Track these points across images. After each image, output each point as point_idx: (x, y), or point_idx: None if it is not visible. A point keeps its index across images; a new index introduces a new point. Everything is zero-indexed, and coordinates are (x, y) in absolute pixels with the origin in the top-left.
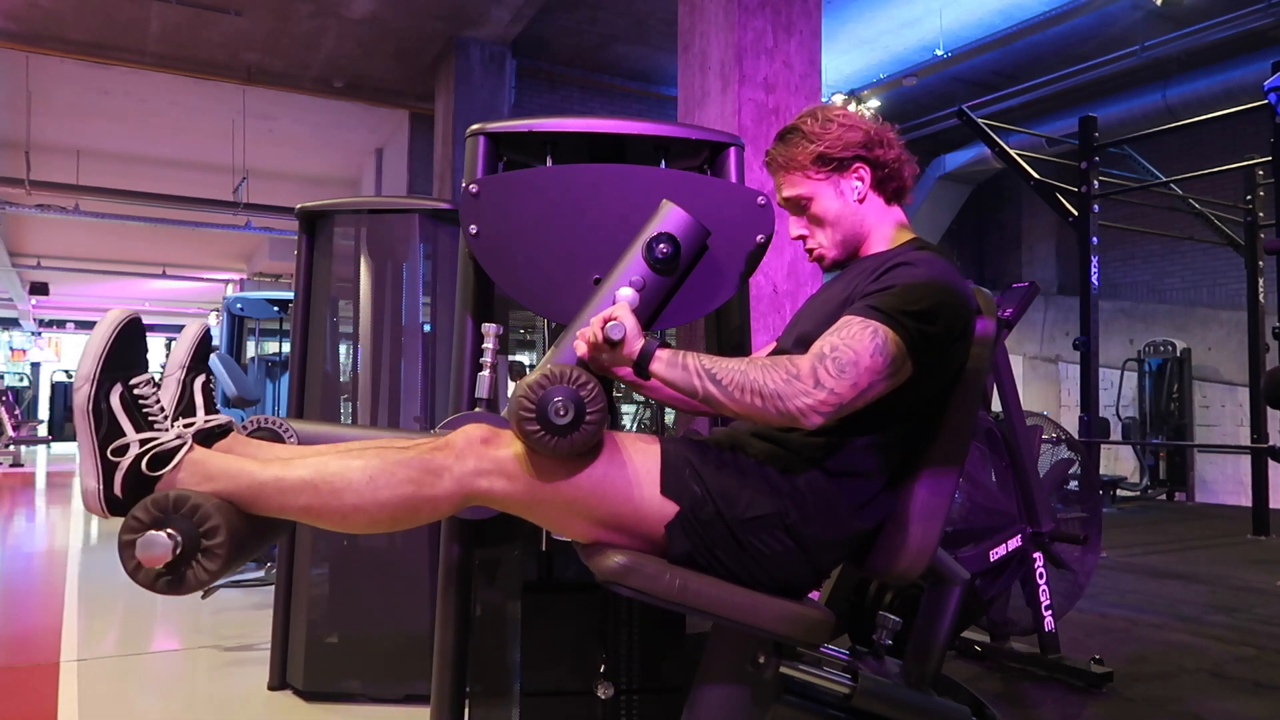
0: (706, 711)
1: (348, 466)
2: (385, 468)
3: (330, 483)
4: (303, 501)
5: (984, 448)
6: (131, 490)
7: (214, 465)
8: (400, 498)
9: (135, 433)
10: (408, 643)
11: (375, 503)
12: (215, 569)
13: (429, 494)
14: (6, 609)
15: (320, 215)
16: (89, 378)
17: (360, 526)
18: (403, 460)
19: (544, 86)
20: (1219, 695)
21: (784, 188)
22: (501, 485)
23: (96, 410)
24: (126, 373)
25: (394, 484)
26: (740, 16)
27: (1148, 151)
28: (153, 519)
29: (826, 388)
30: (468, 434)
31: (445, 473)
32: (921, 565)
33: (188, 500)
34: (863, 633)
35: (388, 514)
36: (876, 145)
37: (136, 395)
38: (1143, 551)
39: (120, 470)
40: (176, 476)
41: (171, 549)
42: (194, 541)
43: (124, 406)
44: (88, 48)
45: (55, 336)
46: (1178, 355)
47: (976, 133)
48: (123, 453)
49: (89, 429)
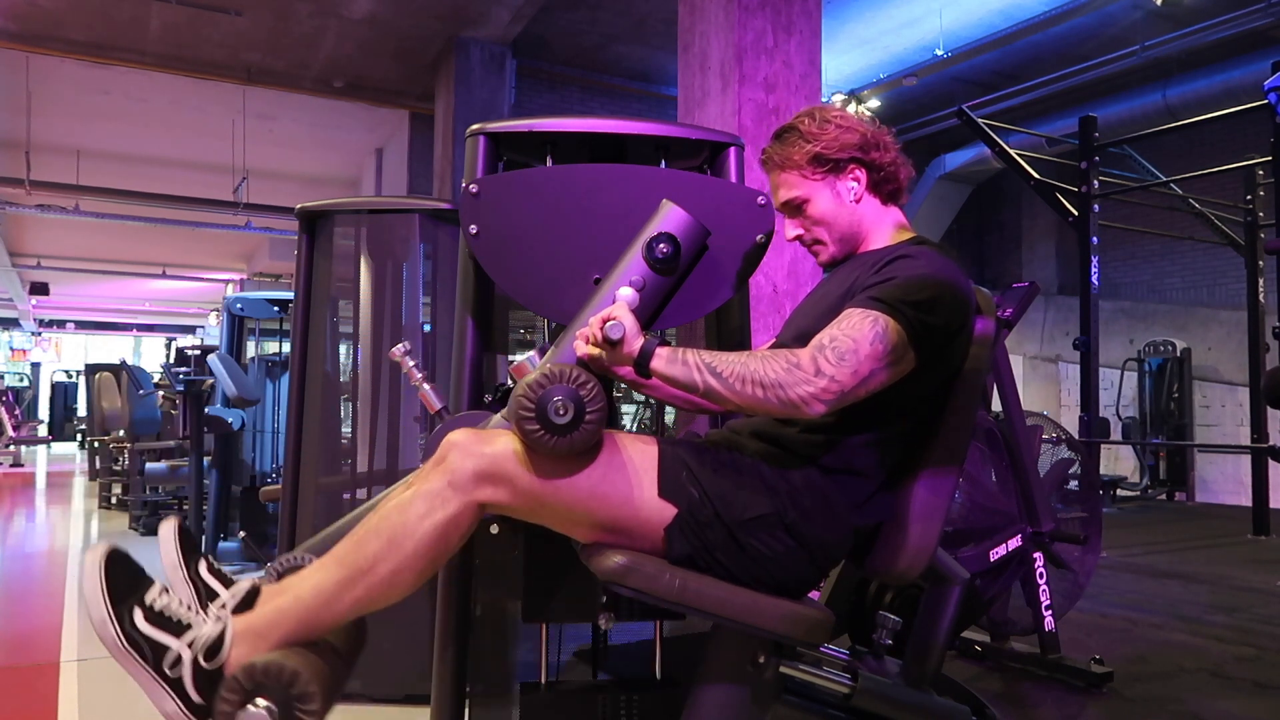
0: (707, 711)
1: (364, 544)
2: (398, 523)
3: (360, 567)
4: (350, 598)
5: (984, 448)
6: (206, 689)
7: (261, 623)
8: (424, 541)
9: (177, 640)
10: (408, 643)
11: (406, 558)
12: (316, 708)
13: (443, 519)
14: (6, 609)
15: (320, 215)
16: (105, 619)
17: (412, 584)
18: (405, 504)
19: (544, 86)
20: (1219, 695)
21: (780, 188)
22: (504, 493)
23: (133, 641)
24: (136, 595)
25: (411, 531)
26: (740, 16)
27: (1148, 151)
28: (237, 702)
29: (827, 375)
30: (453, 442)
31: (448, 489)
32: (921, 565)
33: (256, 667)
34: (863, 633)
35: (425, 560)
36: (873, 147)
37: (159, 610)
38: (1143, 551)
39: (186, 680)
40: (236, 654)
41: (269, 714)
42: (286, 700)
43: (153, 624)
44: (88, 48)
45: (55, 336)
46: (1178, 355)
47: (976, 133)
48: (178, 664)
49: (136, 661)
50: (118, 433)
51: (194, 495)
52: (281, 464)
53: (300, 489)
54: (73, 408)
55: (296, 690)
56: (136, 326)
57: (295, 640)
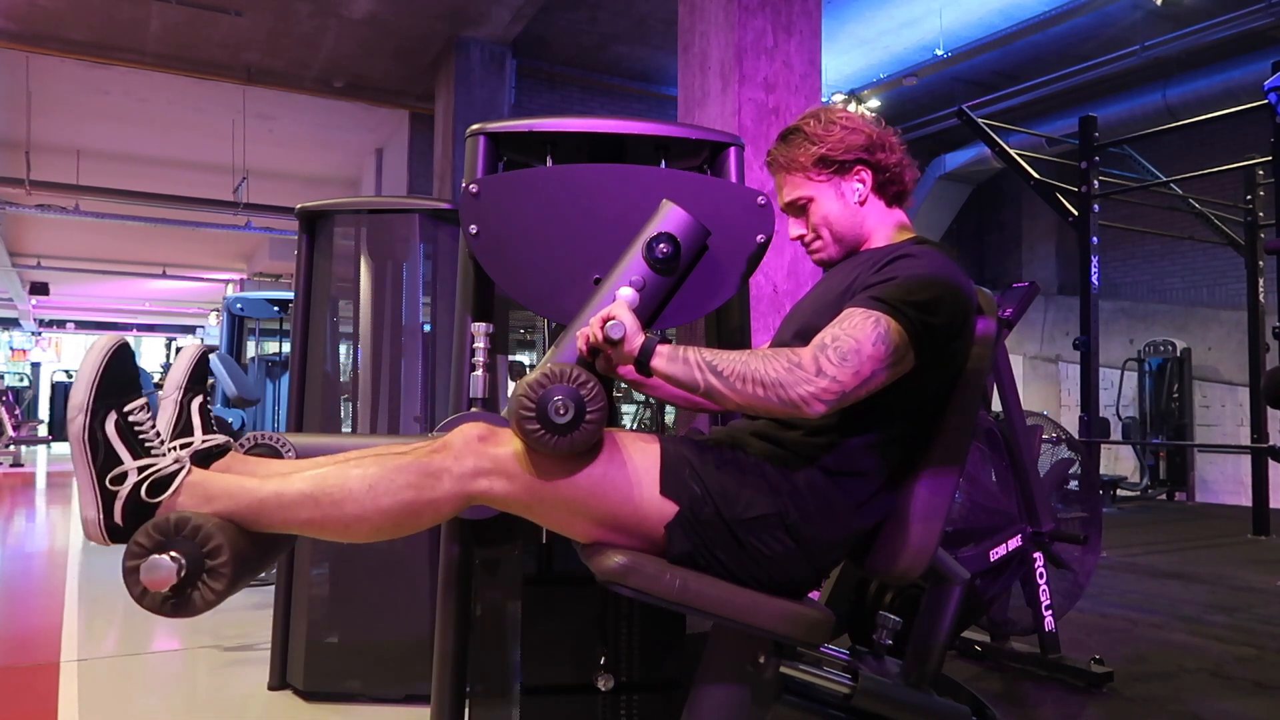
0: (707, 711)
1: (347, 476)
2: (384, 475)
3: (330, 494)
4: (304, 515)
5: (984, 448)
6: (132, 517)
7: (214, 486)
8: (401, 503)
9: (133, 460)
10: (408, 642)
11: (377, 510)
12: (221, 588)
13: (429, 497)
14: (6, 609)
15: (320, 215)
16: (82, 407)
17: (363, 535)
18: (401, 465)
19: (544, 86)
20: (1219, 695)
21: (785, 189)
22: (501, 485)
23: (93, 439)
24: (120, 399)
25: (394, 490)
26: (740, 16)
27: (1148, 151)
28: (155, 543)
29: (829, 375)
30: (464, 433)
31: (444, 474)
32: (921, 565)
33: (188, 522)
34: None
35: (390, 521)
36: (879, 149)
37: (132, 422)
38: (1143, 551)
39: (120, 498)
40: (176, 500)
41: (176, 571)
42: (198, 562)
43: (120, 434)
44: (88, 48)
45: (55, 336)
46: (1178, 355)
47: (976, 133)
48: (121, 481)
49: (85, 459)
50: None
51: None
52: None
53: None
54: None
55: (212, 563)
56: (136, 326)
57: (234, 520)
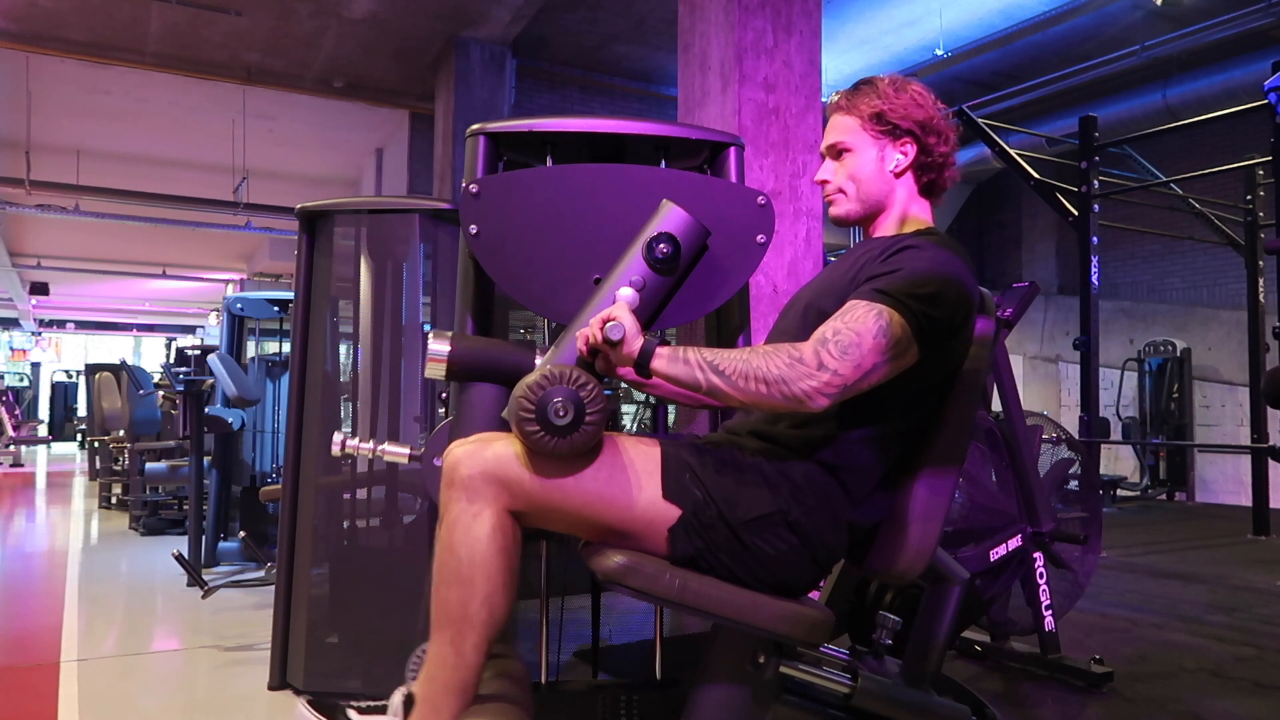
0: (707, 711)
1: (445, 599)
2: (452, 562)
3: (455, 619)
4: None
5: (984, 448)
6: None
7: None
8: (484, 559)
9: None
10: (408, 643)
11: (484, 585)
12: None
13: (486, 531)
14: (6, 609)
15: (320, 215)
16: None
17: (506, 602)
18: (447, 544)
19: (544, 86)
20: (1219, 695)
21: (832, 130)
22: (505, 494)
23: None
24: None
25: (470, 560)
26: (740, 16)
27: (1148, 151)
28: None
29: (830, 369)
30: (455, 456)
31: (470, 505)
32: (921, 565)
33: None
34: (863, 633)
35: (500, 575)
36: (933, 133)
37: None
38: (1143, 551)
39: None
40: None
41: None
42: None
43: None
44: (88, 48)
45: (55, 336)
46: (1178, 355)
47: (976, 133)
48: None
49: None
50: (118, 433)
51: (194, 495)
52: (281, 464)
53: (300, 489)
54: (73, 408)
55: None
56: (136, 326)
57: (459, 710)
